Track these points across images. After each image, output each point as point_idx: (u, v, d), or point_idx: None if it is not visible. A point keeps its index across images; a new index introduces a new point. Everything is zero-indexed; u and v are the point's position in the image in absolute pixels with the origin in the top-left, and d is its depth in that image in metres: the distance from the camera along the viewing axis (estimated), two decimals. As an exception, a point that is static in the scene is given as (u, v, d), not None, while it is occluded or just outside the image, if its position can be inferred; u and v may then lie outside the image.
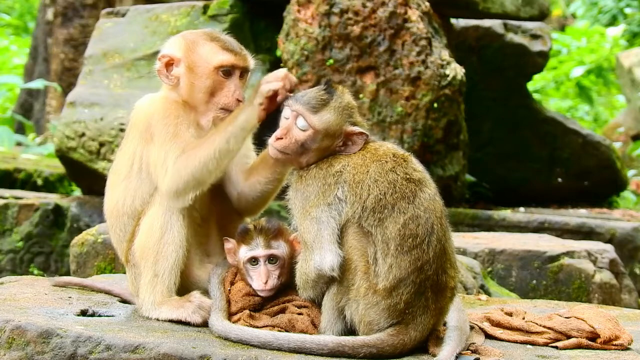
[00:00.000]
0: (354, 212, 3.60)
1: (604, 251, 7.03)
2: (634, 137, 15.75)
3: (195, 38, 4.12)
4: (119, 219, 4.15)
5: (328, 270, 3.60)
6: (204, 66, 4.05)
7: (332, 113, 3.73)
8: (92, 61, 9.79)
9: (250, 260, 3.92)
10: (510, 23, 10.90)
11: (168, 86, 4.14)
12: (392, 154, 3.70)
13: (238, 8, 9.63)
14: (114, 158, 4.31)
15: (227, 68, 4.06)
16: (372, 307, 3.59)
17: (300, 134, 3.72)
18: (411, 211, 3.59)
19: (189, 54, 4.07)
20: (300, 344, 3.57)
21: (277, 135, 3.75)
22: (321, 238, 3.61)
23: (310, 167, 3.74)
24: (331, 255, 3.60)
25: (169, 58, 4.11)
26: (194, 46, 4.09)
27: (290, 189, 3.80)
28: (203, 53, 4.06)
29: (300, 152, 3.74)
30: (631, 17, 21.76)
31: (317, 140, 3.72)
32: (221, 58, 4.05)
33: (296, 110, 3.73)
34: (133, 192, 4.10)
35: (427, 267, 3.59)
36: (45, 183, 10.92)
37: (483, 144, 10.83)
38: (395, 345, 3.58)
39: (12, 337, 3.64)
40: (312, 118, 3.71)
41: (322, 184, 3.67)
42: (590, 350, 3.78)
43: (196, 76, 4.06)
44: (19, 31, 25.90)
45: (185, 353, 3.51)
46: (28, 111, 16.68)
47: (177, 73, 4.10)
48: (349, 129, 3.75)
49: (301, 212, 3.69)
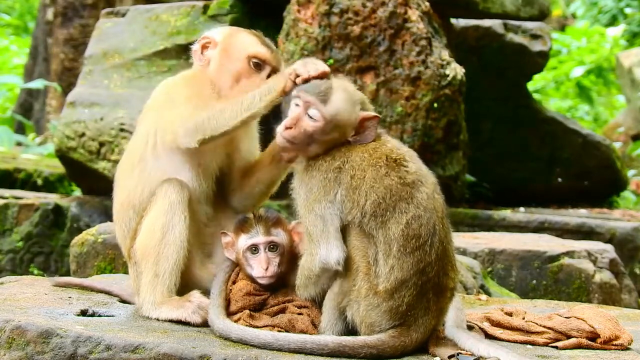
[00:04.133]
0: (354, 217, 3.60)
1: (604, 251, 7.03)
2: (634, 137, 15.75)
3: (239, 30, 4.29)
4: (125, 213, 4.16)
5: (334, 264, 3.60)
6: (238, 51, 4.17)
7: (340, 101, 3.74)
8: (92, 61, 9.79)
9: (251, 248, 3.93)
10: (510, 23, 10.90)
11: (198, 67, 4.25)
12: (385, 156, 3.68)
13: (238, 8, 9.63)
14: (125, 149, 4.33)
15: (259, 60, 4.16)
16: (374, 308, 3.59)
17: (310, 125, 3.71)
18: (412, 211, 3.58)
19: (228, 38, 4.22)
20: (301, 344, 3.56)
21: (287, 124, 3.73)
22: (328, 233, 3.61)
23: (316, 158, 3.74)
24: (337, 250, 3.60)
25: (208, 40, 4.24)
26: (235, 33, 4.25)
27: (295, 178, 3.81)
28: (242, 40, 4.21)
29: (308, 143, 3.73)
30: (631, 17, 21.77)
31: (327, 131, 3.72)
32: (257, 49, 4.17)
33: (308, 100, 3.73)
34: (145, 179, 4.10)
35: (429, 270, 3.58)
36: (45, 183, 10.93)
37: (483, 144, 10.84)
38: (396, 346, 3.58)
39: (12, 337, 3.64)
40: (323, 108, 3.71)
41: (323, 178, 3.67)
42: (590, 350, 3.78)
43: (229, 58, 4.17)
44: (19, 31, 25.90)
45: (185, 353, 3.51)
46: (28, 111, 16.68)
47: (209, 55, 4.21)
48: (363, 114, 3.75)
49: (305, 205, 3.69)
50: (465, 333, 3.72)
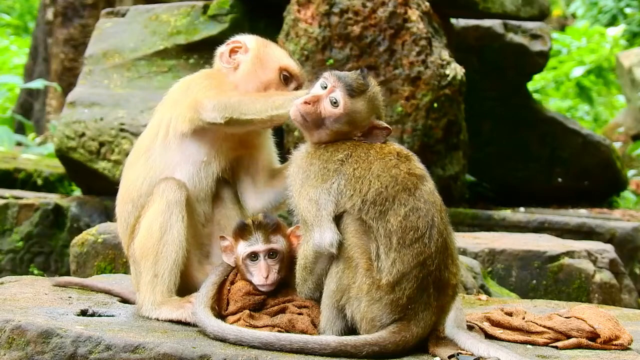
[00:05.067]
0: (353, 204, 3.61)
1: (604, 251, 7.04)
2: (634, 137, 15.75)
3: (270, 42, 4.39)
4: (124, 207, 4.18)
5: (327, 246, 3.61)
6: (272, 61, 4.26)
7: (364, 103, 3.76)
8: (92, 61, 9.79)
9: (250, 256, 3.92)
10: (510, 23, 10.90)
11: (222, 68, 4.31)
12: (396, 152, 3.74)
13: (238, 8, 9.63)
14: (125, 149, 4.36)
15: (289, 74, 4.26)
16: (375, 302, 3.59)
17: (329, 109, 3.73)
18: (411, 203, 3.60)
19: (262, 47, 4.32)
20: (303, 344, 3.56)
21: (306, 99, 3.74)
22: (320, 217, 3.63)
23: (319, 146, 3.76)
24: (330, 232, 3.61)
25: (239, 44, 4.30)
26: (268, 44, 4.36)
27: (292, 164, 3.81)
28: (275, 52, 4.32)
29: (318, 126, 3.75)
30: (631, 17, 21.77)
31: (340, 122, 3.73)
32: (289, 63, 4.29)
33: (336, 86, 3.74)
34: (146, 171, 4.12)
35: (430, 262, 3.59)
36: (45, 183, 10.92)
37: (483, 144, 10.84)
38: (397, 342, 3.59)
39: (12, 337, 3.64)
40: (348, 100, 3.73)
41: (323, 167, 3.69)
42: (590, 350, 3.78)
43: (262, 67, 4.25)
44: (19, 31, 25.89)
45: (185, 353, 3.51)
46: (28, 111, 16.67)
47: (240, 59, 4.28)
48: (376, 122, 3.78)
49: (299, 191, 3.70)
50: (465, 333, 3.72)
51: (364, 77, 3.79)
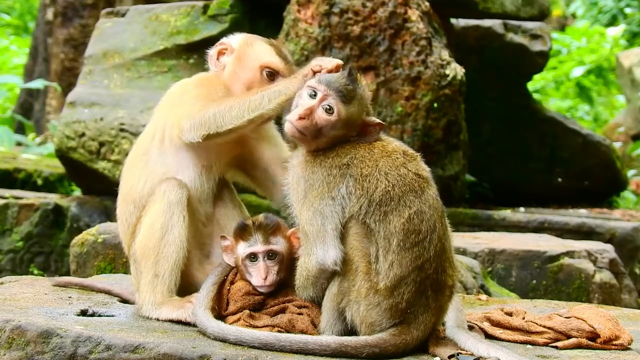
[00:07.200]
0: (360, 206, 3.59)
1: (604, 251, 7.04)
2: (634, 137, 15.75)
3: (255, 38, 4.29)
4: (126, 207, 4.17)
5: (331, 264, 3.59)
6: (252, 60, 4.19)
7: (356, 104, 3.73)
8: (92, 61, 9.79)
9: (249, 257, 3.92)
10: (510, 23, 10.90)
11: (213, 72, 4.27)
12: (402, 151, 3.72)
13: (238, 8, 9.63)
14: (125, 149, 4.36)
15: (272, 71, 4.17)
16: (374, 308, 3.59)
17: (324, 117, 3.68)
18: (417, 205, 3.59)
19: (244, 46, 4.23)
20: (303, 344, 3.56)
21: (300, 114, 3.68)
22: (325, 233, 3.60)
23: (317, 153, 3.72)
24: (334, 250, 3.59)
25: (224, 46, 4.26)
26: (251, 41, 4.25)
27: (291, 172, 3.77)
28: (257, 50, 4.22)
29: (316, 136, 3.70)
30: (631, 17, 21.77)
31: (336, 128, 3.70)
32: (271, 59, 4.18)
33: (328, 94, 3.70)
34: (147, 173, 4.11)
35: (428, 266, 3.59)
36: (45, 183, 10.92)
37: (483, 144, 10.84)
38: (397, 344, 3.58)
39: (12, 337, 3.64)
40: (342, 107, 3.69)
41: (327, 174, 3.65)
42: (590, 350, 3.78)
43: (242, 67, 4.19)
44: (19, 31, 25.89)
45: (185, 353, 3.50)
46: (28, 111, 16.67)
47: (225, 61, 4.23)
48: (367, 119, 3.75)
49: (303, 201, 3.67)
50: (466, 333, 3.72)
51: (352, 79, 3.73)
